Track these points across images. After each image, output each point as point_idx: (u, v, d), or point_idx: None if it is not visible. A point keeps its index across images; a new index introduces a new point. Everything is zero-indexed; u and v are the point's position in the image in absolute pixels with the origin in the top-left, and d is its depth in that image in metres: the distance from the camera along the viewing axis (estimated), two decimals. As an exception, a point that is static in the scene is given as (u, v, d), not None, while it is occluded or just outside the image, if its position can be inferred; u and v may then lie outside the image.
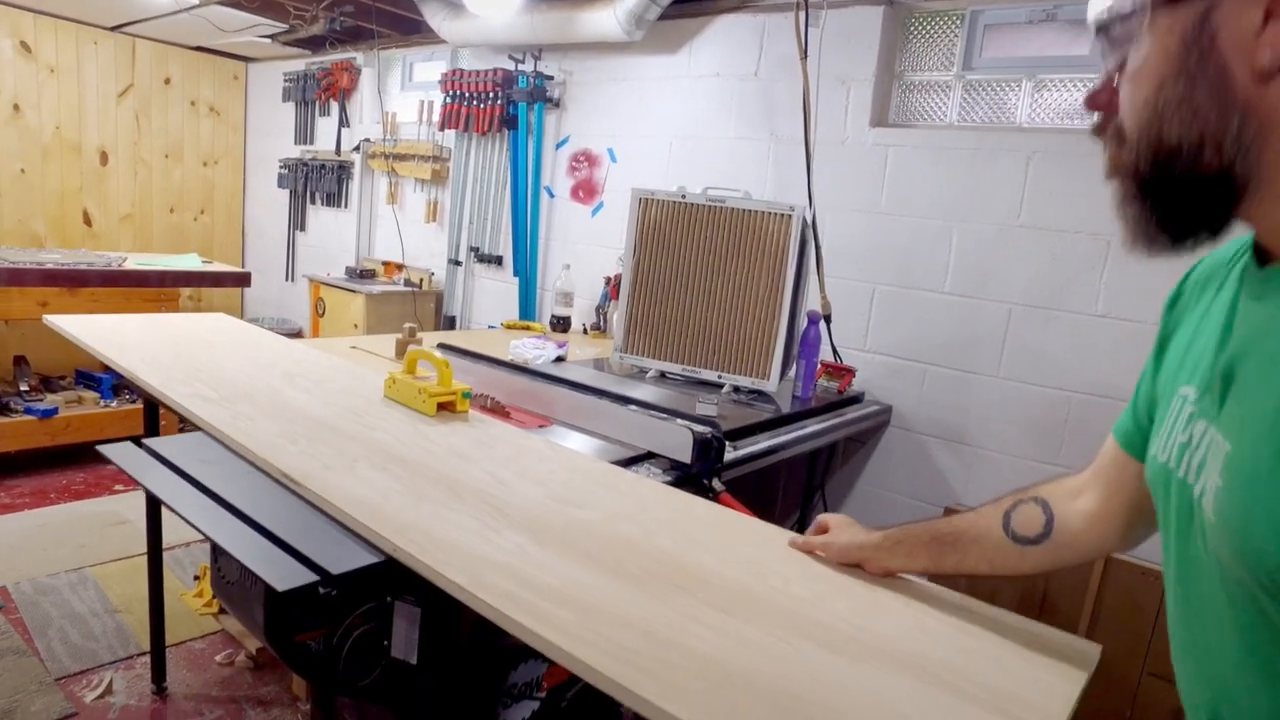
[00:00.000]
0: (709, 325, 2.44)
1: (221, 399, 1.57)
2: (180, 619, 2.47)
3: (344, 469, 1.27)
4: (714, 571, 1.05)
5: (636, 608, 0.93)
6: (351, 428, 1.49)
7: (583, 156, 3.40)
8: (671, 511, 1.29)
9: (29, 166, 4.32)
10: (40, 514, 3.15)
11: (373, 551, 1.13)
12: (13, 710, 2.05)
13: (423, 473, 1.30)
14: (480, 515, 1.17)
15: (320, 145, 4.59)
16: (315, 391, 1.71)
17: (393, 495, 1.19)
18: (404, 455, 1.38)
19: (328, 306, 3.82)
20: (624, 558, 1.07)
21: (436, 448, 1.44)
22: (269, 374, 1.81)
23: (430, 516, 1.14)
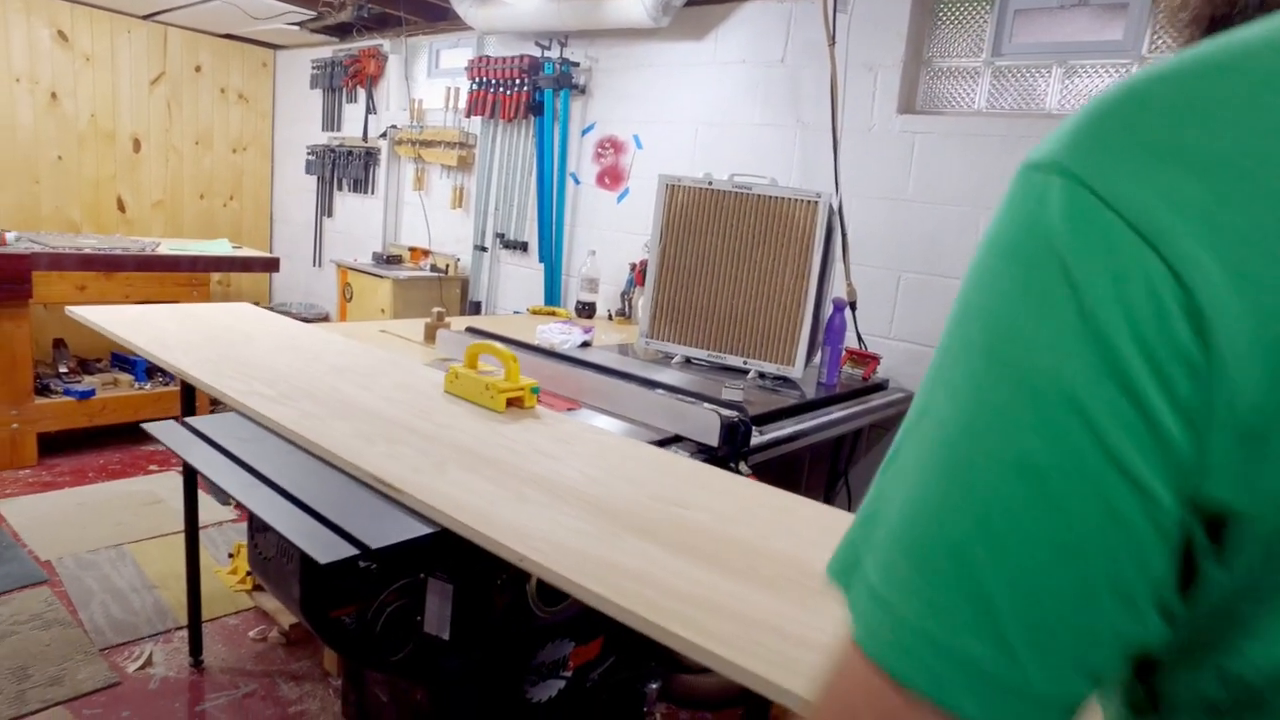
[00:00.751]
0: (734, 311, 2.46)
1: (281, 396, 1.58)
2: (214, 596, 2.54)
3: (433, 471, 1.26)
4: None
5: (786, 615, 0.91)
6: (425, 426, 1.49)
7: (608, 143, 3.41)
8: (775, 513, 1.26)
9: (65, 154, 4.40)
10: (80, 492, 3.24)
11: (413, 526, 1.15)
12: (62, 677, 2.12)
13: (515, 474, 1.29)
14: (590, 519, 1.14)
15: (347, 132, 4.64)
16: (371, 387, 1.72)
17: (496, 500, 1.17)
18: (488, 455, 1.37)
19: (355, 291, 3.87)
20: (753, 561, 1.05)
21: (518, 445, 1.43)
22: (318, 368, 1.82)
23: (541, 520, 1.12)
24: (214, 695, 2.14)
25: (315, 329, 2.30)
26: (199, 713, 2.07)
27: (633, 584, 0.96)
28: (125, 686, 2.13)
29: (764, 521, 1.21)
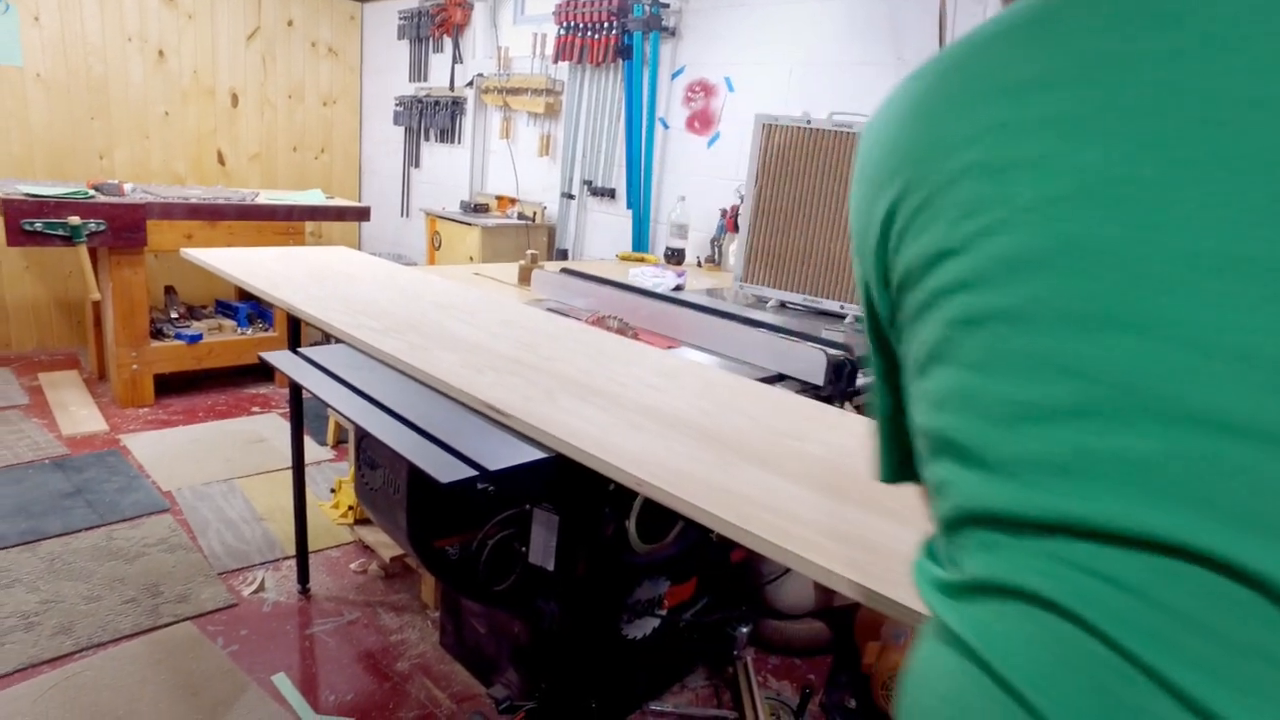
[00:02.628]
0: (832, 255, 2.38)
1: (388, 329, 1.61)
2: (317, 529, 2.64)
3: (544, 400, 1.26)
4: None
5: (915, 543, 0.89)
6: (531, 358, 1.50)
7: (699, 86, 3.33)
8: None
9: (171, 109, 4.56)
10: (192, 430, 3.41)
11: (527, 451, 1.15)
12: (188, 595, 2.25)
13: (626, 404, 1.28)
14: (706, 448, 1.12)
15: (434, 82, 4.66)
16: (474, 323, 1.74)
17: (609, 428, 1.16)
18: (596, 386, 1.37)
19: (443, 240, 3.92)
20: (875, 493, 1.01)
21: (625, 379, 1.43)
22: (421, 305, 1.85)
23: (657, 448, 1.10)
24: (321, 621, 2.24)
25: (412, 270, 2.33)
26: (308, 636, 2.17)
27: (756, 510, 0.94)
28: (242, 608, 2.24)
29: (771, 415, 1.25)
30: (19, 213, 3.08)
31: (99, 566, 2.35)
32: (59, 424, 3.31)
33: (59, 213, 3.16)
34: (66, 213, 3.17)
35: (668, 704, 2.05)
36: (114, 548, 2.45)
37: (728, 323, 1.85)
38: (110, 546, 2.45)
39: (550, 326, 1.76)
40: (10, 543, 2.43)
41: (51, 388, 3.69)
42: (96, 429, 3.28)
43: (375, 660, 2.10)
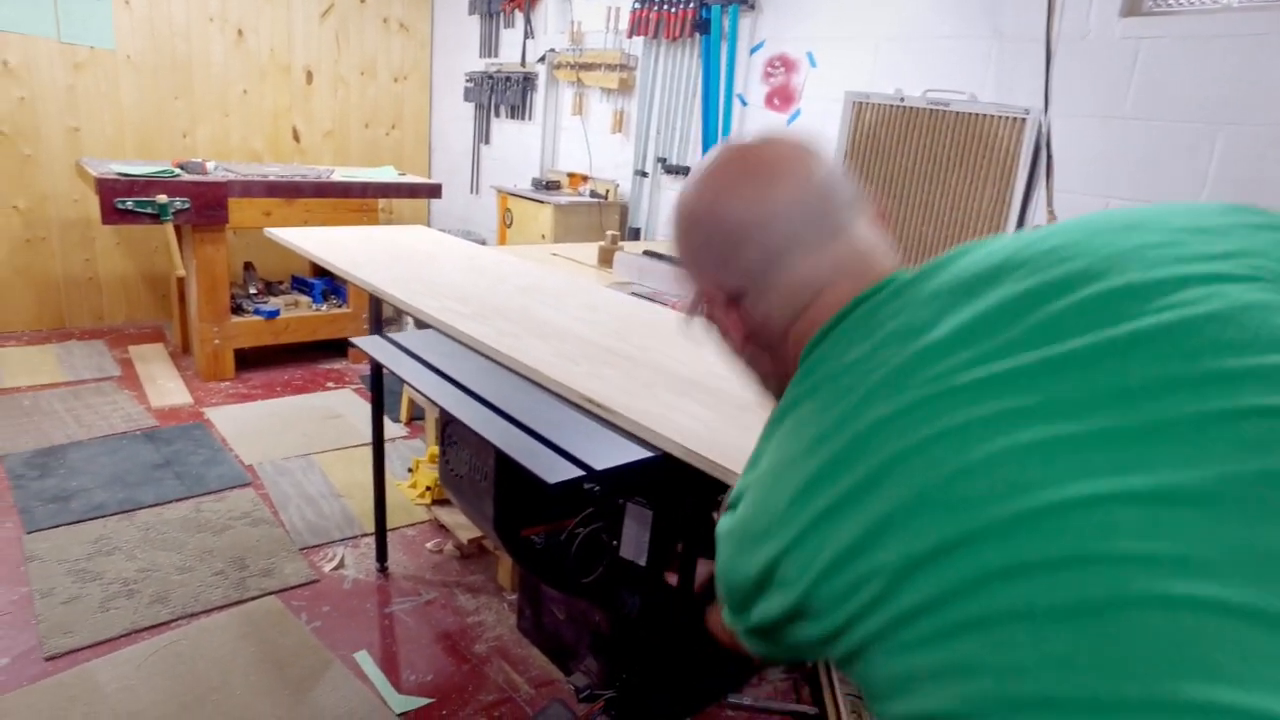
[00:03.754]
0: (923, 236, 2.29)
1: (475, 314, 1.59)
2: (394, 507, 2.67)
3: (642, 393, 1.23)
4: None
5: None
6: (623, 348, 1.46)
7: (779, 61, 3.22)
8: None
9: (250, 88, 4.64)
10: (270, 404, 3.48)
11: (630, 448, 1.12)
12: (271, 570, 2.30)
13: (726, 399, 1.24)
14: None
15: (505, 58, 4.63)
16: (560, 307, 1.71)
17: (714, 425, 1.13)
18: (693, 378, 1.33)
19: (515, 217, 3.91)
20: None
21: (724, 371, 1.38)
22: (505, 289, 1.83)
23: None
24: (400, 600, 2.26)
25: (491, 250, 2.31)
26: (388, 614, 2.20)
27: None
28: (323, 584, 2.28)
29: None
30: (112, 191, 3.16)
31: (189, 538, 2.42)
32: (148, 396, 3.41)
33: (148, 191, 3.24)
34: (155, 191, 3.24)
35: (747, 697, 2.02)
36: (202, 520, 2.52)
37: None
38: (199, 519, 2.52)
39: (640, 313, 1.72)
40: (110, 511, 2.51)
41: (140, 360, 3.82)
42: (182, 402, 3.38)
43: (454, 641, 2.11)
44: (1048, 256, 0.60)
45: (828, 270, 0.72)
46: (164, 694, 1.82)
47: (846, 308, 0.69)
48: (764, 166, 0.75)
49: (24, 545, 2.32)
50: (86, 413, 3.20)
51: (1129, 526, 0.46)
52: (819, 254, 0.72)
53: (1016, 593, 0.47)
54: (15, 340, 4.00)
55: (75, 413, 3.19)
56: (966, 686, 0.49)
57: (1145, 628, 0.44)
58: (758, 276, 0.74)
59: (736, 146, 0.78)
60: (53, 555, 2.28)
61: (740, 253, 0.74)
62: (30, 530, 2.39)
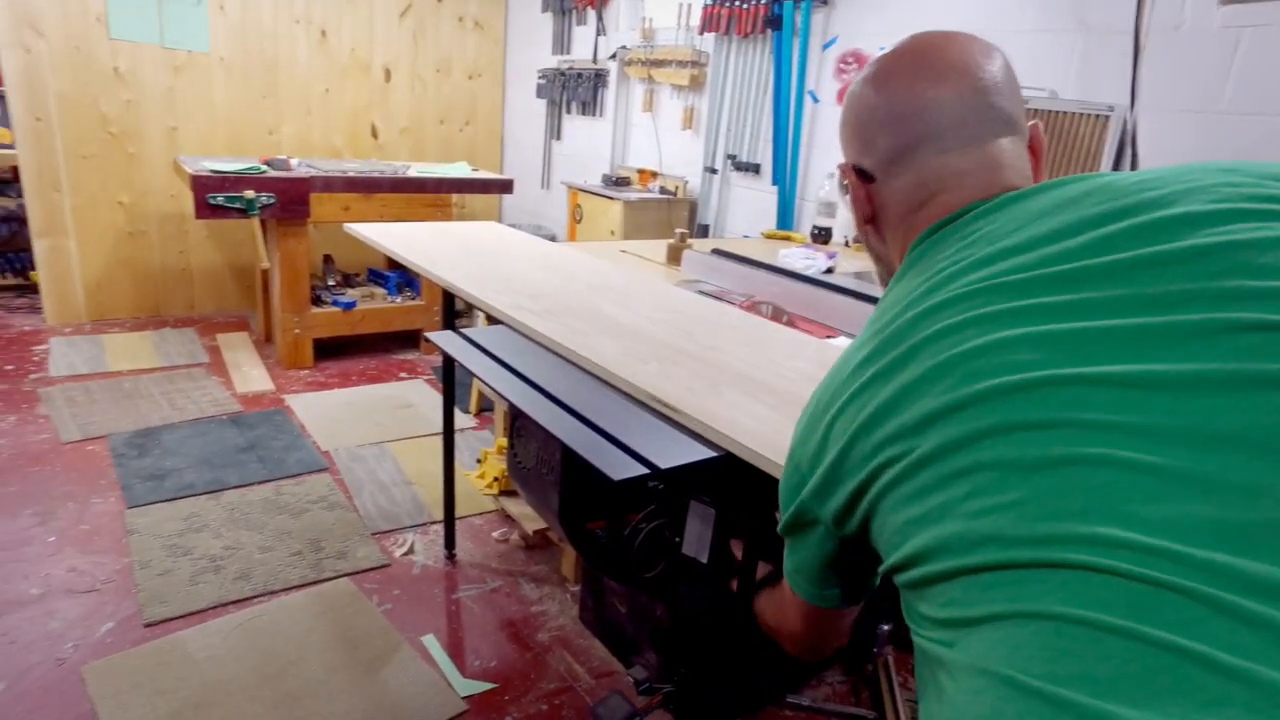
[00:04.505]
0: (998, 240, 2.23)
1: (545, 311, 1.61)
2: (462, 496, 2.74)
3: (709, 393, 1.24)
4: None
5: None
6: (691, 347, 1.47)
7: (852, 57, 3.18)
8: None
9: (331, 86, 4.80)
10: (346, 393, 3.61)
11: (695, 448, 1.13)
12: (345, 553, 2.40)
13: (793, 400, 1.24)
14: None
15: (577, 54, 4.68)
16: (630, 306, 1.73)
17: (779, 427, 1.13)
18: (760, 379, 1.33)
19: (585, 213, 3.96)
20: None
21: (789, 372, 1.38)
22: (576, 286, 1.86)
23: None
24: (466, 587, 2.33)
25: (561, 247, 2.35)
26: (454, 600, 2.26)
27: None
28: (394, 569, 2.36)
29: None
30: (205, 188, 3.32)
31: (270, 519, 2.53)
32: (234, 382, 3.58)
33: (237, 187, 3.39)
34: (243, 187, 3.40)
35: (806, 699, 2.01)
36: (282, 502, 2.63)
37: (889, 313, 1.76)
38: (279, 501, 2.64)
39: (707, 312, 1.73)
40: (199, 490, 2.65)
41: (227, 348, 4.00)
42: (265, 389, 3.54)
43: (517, 629, 2.17)
44: (1135, 185, 0.65)
45: (953, 173, 0.75)
46: (246, 665, 1.91)
47: (957, 212, 0.73)
48: (937, 62, 0.78)
49: (125, 519, 2.47)
50: (179, 397, 3.38)
51: (1103, 401, 0.53)
52: (953, 157, 0.75)
53: (998, 448, 0.55)
54: (119, 327, 4.24)
55: (169, 396, 3.37)
56: (941, 528, 0.57)
57: (1083, 480, 0.52)
58: (890, 163, 0.79)
59: (924, 36, 0.83)
60: (150, 530, 2.42)
61: (882, 137, 0.79)
62: (131, 506, 2.54)
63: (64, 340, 3.95)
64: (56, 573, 2.21)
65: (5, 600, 2.08)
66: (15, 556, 2.26)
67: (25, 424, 3.04)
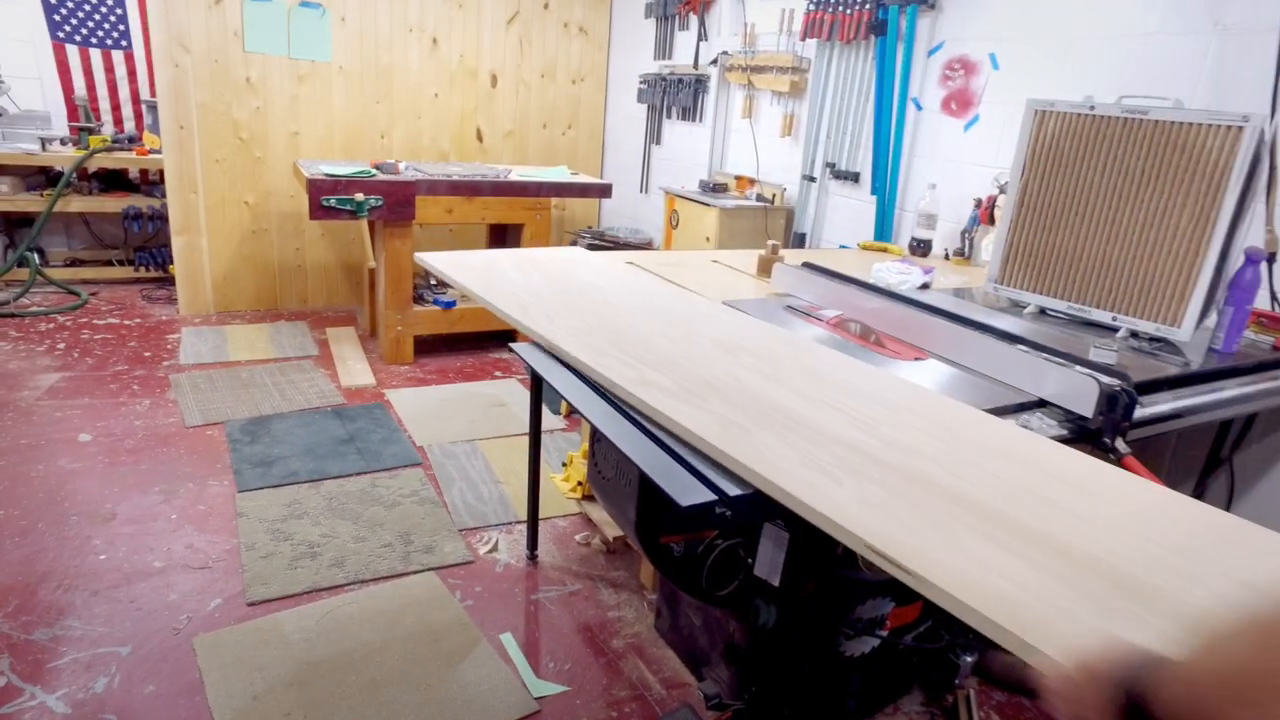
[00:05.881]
0: (1107, 258, 2.11)
1: (683, 391, 1.34)
2: (547, 498, 2.80)
3: (932, 531, 0.97)
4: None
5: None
6: (877, 447, 1.17)
7: (958, 63, 3.07)
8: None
9: (440, 91, 4.99)
10: (442, 390, 3.75)
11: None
12: (433, 547, 2.49)
13: (1056, 551, 0.96)
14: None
15: (678, 60, 4.69)
16: (780, 378, 1.44)
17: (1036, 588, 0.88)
18: (995, 510, 1.05)
19: (681, 219, 3.97)
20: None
21: (999, 482, 1.12)
22: (702, 345, 1.62)
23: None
24: (546, 588, 2.38)
25: (660, 281, 2.24)
26: (534, 601, 2.31)
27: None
28: (477, 566, 2.44)
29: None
30: (319, 190, 3.51)
31: (365, 510, 2.66)
32: (339, 375, 3.77)
33: (348, 190, 3.57)
34: (354, 190, 3.57)
35: (880, 727, 1.96)
36: (376, 494, 2.76)
37: (981, 335, 1.69)
38: (374, 493, 2.77)
39: (876, 388, 1.44)
40: (302, 479, 2.81)
41: (335, 342, 4.22)
42: (366, 383, 3.71)
43: (593, 634, 2.20)
44: None
45: None
46: (336, 649, 2.02)
47: None
48: None
49: (236, 502, 2.64)
50: (289, 387, 3.58)
51: None
52: None
53: None
54: (240, 319, 4.54)
55: (280, 387, 3.58)
56: None
57: None
58: None
59: None
60: (256, 514, 2.58)
61: None
62: (241, 490, 2.71)
63: (193, 330, 4.25)
64: (176, 549, 2.38)
65: (135, 570, 2.27)
66: (144, 530, 2.45)
67: (158, 407, 3.29)
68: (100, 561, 2.29)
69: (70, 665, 1.90)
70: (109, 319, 4.32)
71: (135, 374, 3.62)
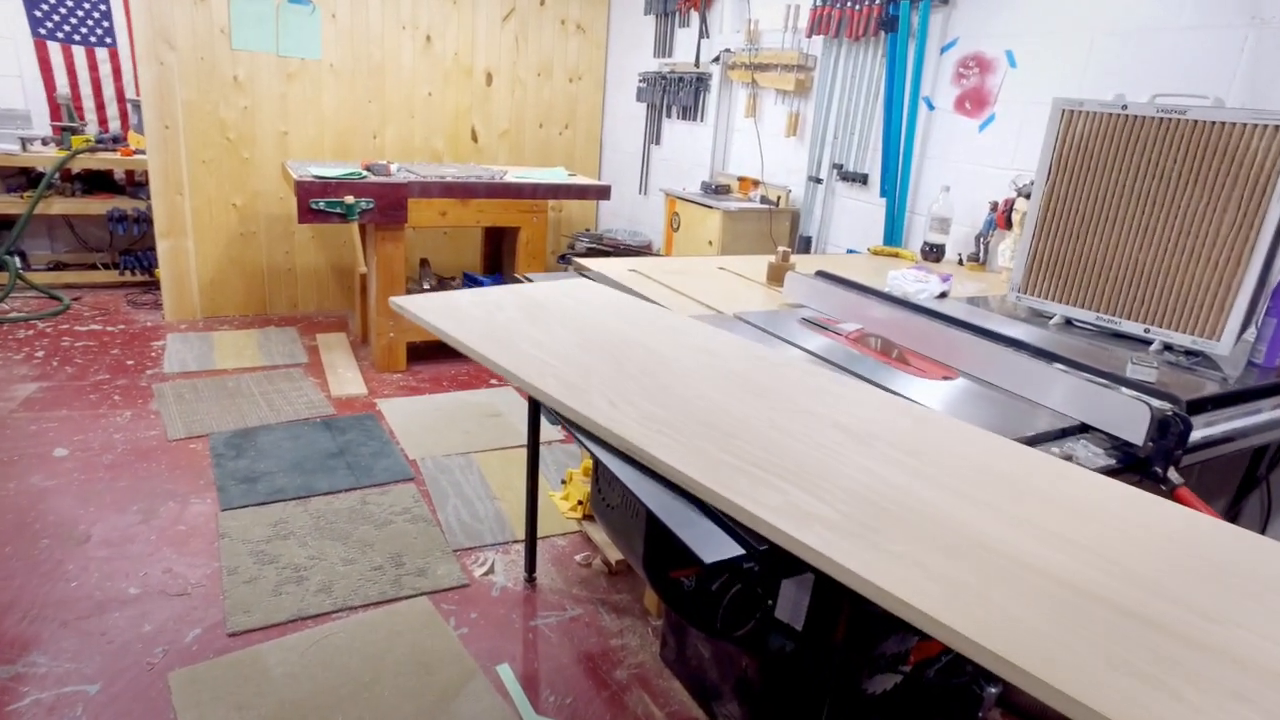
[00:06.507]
0: (1140, 266, 1.99)
1: (845, 518, 0.98)
2: (545, 515, 2.68)
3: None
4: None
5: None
6: (1158, 610, 0.85)
7: (973, 61, 2.94)
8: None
9: (434, 90, 4.85)
10: (435, 399, 3.62)
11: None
12: (426, 570, 2.36)
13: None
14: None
15: (679, 57, 4.57)
16: (925, 472, 1.13)
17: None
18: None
19: (683, 222, 3.84)
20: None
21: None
22: (819, 428, 1.25)
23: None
24: (545, 613, 2.25)
25: (704, 322, 1.80)
26: (532, 627, 2.19)
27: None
28: (472, 589, 2.31)
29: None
30: (308, 193, 3.38)
31: (354, 529, 2.53)
32: (329, 384, 3.64)
33: (338, 193, 3.44)
34: (344, 193, 3.44)
35: (903, 768, 1.84)
36: (367, 512, 2.63)
37: (1013, 352, 1.57)
38: (364, 510, 2.64)
39: (1102, 499, 1.11)
40: (289, 496, 2.68)
41: (326, 349, 4.09)
42: (358, 392, 3.58)
43: (595, 664, 2.07)
44: None
45: None
46: (321, 685, 1.89)
47: None
48: None
49: (219, 522, 2.51)
50: (277, 397, 3.45)
51: None
52: None
53: None
54: (227, 325, 4.40)
55: (268, 396, 3.45)
56: None
57: None
58: None
59: None
60: (240, 534, 2.45)
61: None
62: (224, 508, 2.58)
63: (179, 337, 4.12)
64: (154, 573, 2.25)
65: (108, 598, 2.14)
66: (120, 554, 2.32)
67: (139, 419, 3.16)
68: (71, 589, 2.16)
69: (31, 708, 1.77)
70: (91, 325, 4.18)
71: (117, 383, 3.48)
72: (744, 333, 1.80)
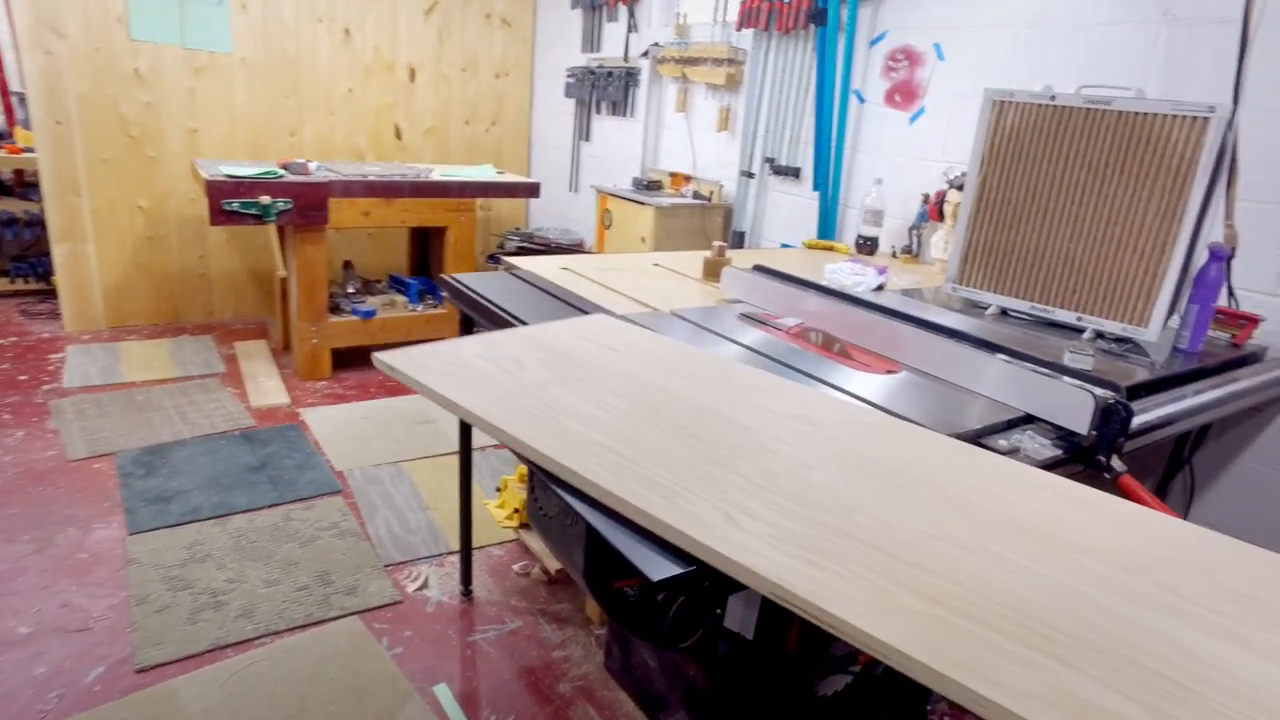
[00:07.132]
0: (1071, 256, 2.01)
1: (973, 617, 0.79)
2: (480, 524, 2.58)
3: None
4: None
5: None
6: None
7: (902, 54, 2.96)
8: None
9: (354, 86, 4.67)
10: (363, 406, 3.46)
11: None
12: (355, 588, 2.24)
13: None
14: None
15: (607, 52, 4.50)
16: (985, 552, 0.91)
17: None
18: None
19: (614, 219, 3.77)
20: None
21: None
22: (908, 503, 1.01)
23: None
24: (483, 628, 2.16)
25: (761, 373, 1.46)
26: (470, 643, 2.09)
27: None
28: (406, 606, 2.20)
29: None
30: (219, 193, 3.19)
31: (277, 548, 2.38)
32: (249, 394, 3.45)
33: (253, 193, 3.25)
34: (259, 193, 3.26)
35: (855, 769, 1.81)
36: (291, 529, 2.48)
37: (956, 344, 1.55)
38: (288, 527, 2.49)
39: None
40: (205, 515, 2.51)
41: (245, 357, 3.88)
42: (279, 402, 3.40)
43: (537, 678, 1.99)
44: None
45: None
46: (243, 718, 1.76)
47: None
48: None
49: (126, 547, 2.33)
50: (191, 410, 3.25)
51: None
52: None
53: None
54: (135, 334, 4.14)
55: (181, 410, 3.25)
56: None
57: None
58: None
59: None
60: (150, 559, 2.28)
61: None
62: (133, 532, 2.40)
63: (80, 349, 3.85)
64: (49, 608, 2.07)
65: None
66: (7, 589, 2.13)
67: (33, 439, 2.93)
68: (-44, 629, 1.97)
69: (-92, 766, 1.59)
70: (-18, 338, 3.88)
71: (7, 400, 3.23)
72: (681, 330, 1.74)
